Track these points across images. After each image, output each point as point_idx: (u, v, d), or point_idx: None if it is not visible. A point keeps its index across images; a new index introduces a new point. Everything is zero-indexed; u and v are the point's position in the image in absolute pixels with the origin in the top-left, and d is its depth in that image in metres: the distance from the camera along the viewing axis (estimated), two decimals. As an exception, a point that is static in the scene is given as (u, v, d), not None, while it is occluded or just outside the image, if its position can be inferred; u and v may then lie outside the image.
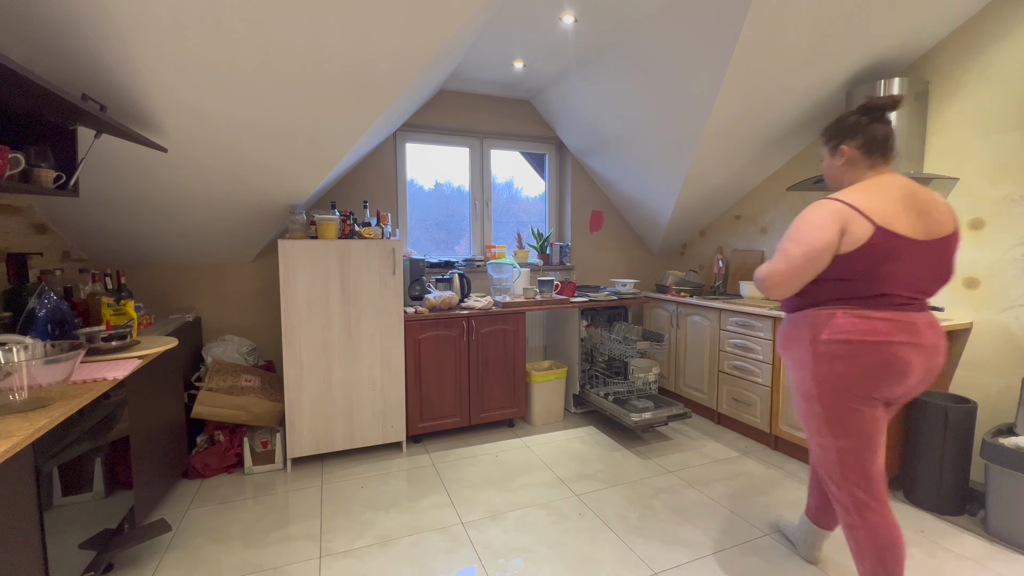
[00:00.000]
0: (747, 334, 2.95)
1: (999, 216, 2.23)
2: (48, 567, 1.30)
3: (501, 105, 3.72)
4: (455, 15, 1.74)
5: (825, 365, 1.48)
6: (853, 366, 1.45)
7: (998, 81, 2.22)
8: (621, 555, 1.92)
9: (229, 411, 2.50)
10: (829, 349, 1.47)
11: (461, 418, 3.01)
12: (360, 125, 2.19)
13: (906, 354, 1.42)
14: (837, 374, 1.47)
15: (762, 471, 2.59)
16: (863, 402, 1.46)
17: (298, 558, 1.90)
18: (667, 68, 2.61)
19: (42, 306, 1.73)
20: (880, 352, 1.42)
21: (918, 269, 1.43)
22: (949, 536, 2.03)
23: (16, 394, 1.25)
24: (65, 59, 1.58)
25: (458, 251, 3.85)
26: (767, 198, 3.40)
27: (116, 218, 2.45)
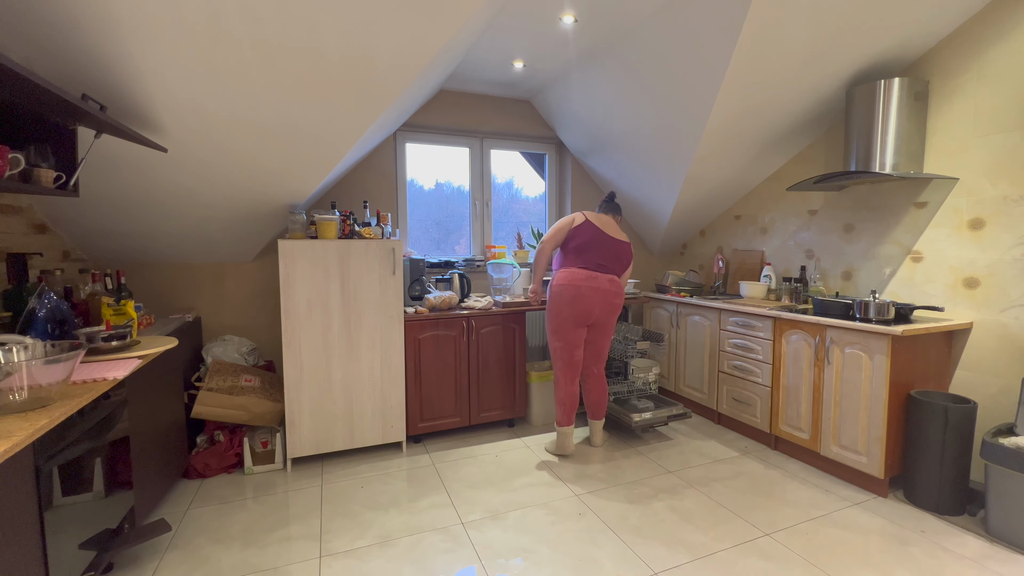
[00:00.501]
0: (747, 334, 2.95)
1: (999, 216, 2.23)
2: (48, 567, 1.30)
3: (501, 105, 3.72)
4: (455, 15, 1.74)
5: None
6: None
7: (998, 81, 2.23)
8: (621, 555, 1.92)
9: (229, 411, 2.50)
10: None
11: (461, 418, 3.01)
12: (360, 125, 2.19)
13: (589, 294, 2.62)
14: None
15: (762, 471, 2.59)
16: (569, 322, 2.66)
17: (298, 558, 1.90)
18: (667, 68, 2.61)
19: (42, 306, 1.73)
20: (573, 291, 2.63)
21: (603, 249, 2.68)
22: (949, 536, 2.03)
23: (16, 394, 1.25)
24: (65, 59, 1.58)
25: (458, 251, 3.85)
26: (767, 198, 3.40)
27: (116, 218, 2.45)
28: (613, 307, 2.69)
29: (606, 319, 2.70)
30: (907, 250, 2.60)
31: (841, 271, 2.94)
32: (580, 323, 2.66)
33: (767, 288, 3.24)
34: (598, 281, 2.62)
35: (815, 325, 2.54)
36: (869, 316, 2.37)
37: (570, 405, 2.73)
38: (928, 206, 2.50)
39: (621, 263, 2.72)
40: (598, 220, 2.72)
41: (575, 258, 2.66)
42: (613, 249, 2.69)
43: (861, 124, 2.52)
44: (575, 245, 2.66)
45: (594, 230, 2.66)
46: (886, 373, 2.23)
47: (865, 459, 2.34)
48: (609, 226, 2.73)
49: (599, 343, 2.77)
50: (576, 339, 2.67)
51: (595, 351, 2.78)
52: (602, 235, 2.67)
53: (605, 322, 2.71)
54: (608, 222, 2.76)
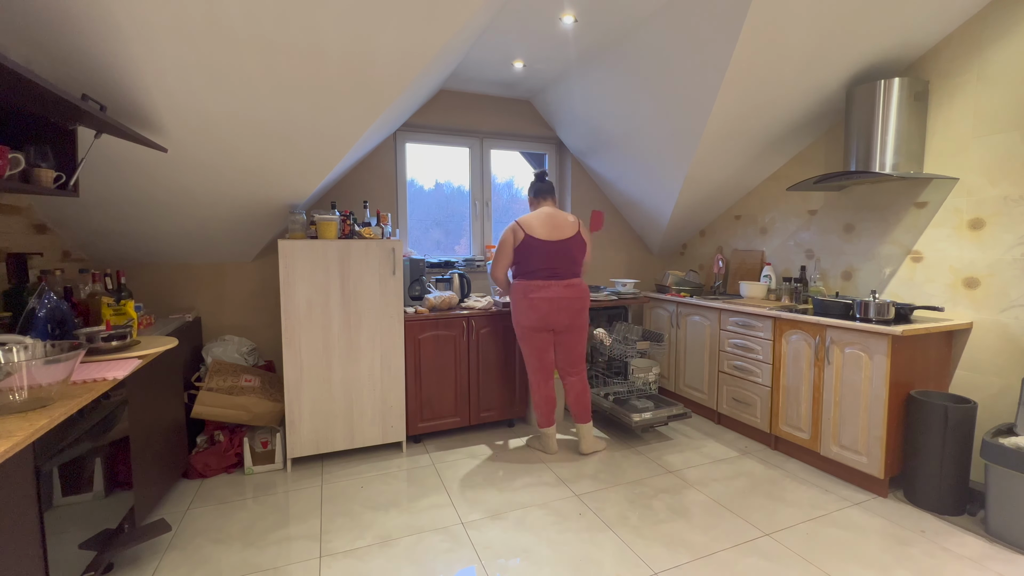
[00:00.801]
0: (747, 334, 2.95)
1: (999, 216, 2.23)
2: (48, 567, 1.30)
3: (501, 105, 3.72)
4: (455, 15, 1.74)
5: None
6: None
7: (998, 81, 2.23)
8: (621, 555, 1.92)
9: (229, 411, 2.50)
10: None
11: (461, 418, 3.01)
12: (360, 125, 2.19)
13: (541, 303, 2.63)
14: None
15: (762, 471, 2.59)
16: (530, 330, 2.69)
17: (298, 558, 1.90)
18: (667, 68, 2.61)
19: (42, 306, 1.73)
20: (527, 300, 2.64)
21: (550, 256, 2.63)
22: (949, 536, 2.03)
23: (16, 394, 1.25)
24: (65, 59, 1.58)
25: (458, 251, 3.85)
26: (767, 198, 3.40)
27: (116, 218, 2.45)
28: (575, 310, 2.67)
29: (570, 322, 2.68)
30: (907, 250, 2.60)
31: (841, 271, 2.94)
32: (541, 328, 2.67)
33: (767, 288, 3.24)
34: (550, 290, 2.61)
35: (815, 325, 2.54)
36: (869, 316, 2.37)
37: (547, 407, 2.77)
38: (928, 206, 2.50)
39: (574, 261, 2.67)
40: (539, 224, 2.63)
41: (525, 273, 2.65)
42: (561, 251, 2.63)
43: (861, 124, 2.52)
44: (523, 261, 2.64)
45: (535, 242, 2.60)
46: (886, 373, 2.23)
47: (865, 459, 2.34)
48: (551, 224, 2.64)
49: (569, 345, 2.73)
50: (540, 343, 2.70)
51: (566, 355, 2.75)
52: (546, 245, 2.60)
53: (571, 325, 2.69)
54: (549, 218, 2.66)
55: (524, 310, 2.64)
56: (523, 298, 2.64)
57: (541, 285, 2.61)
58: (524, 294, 2.63)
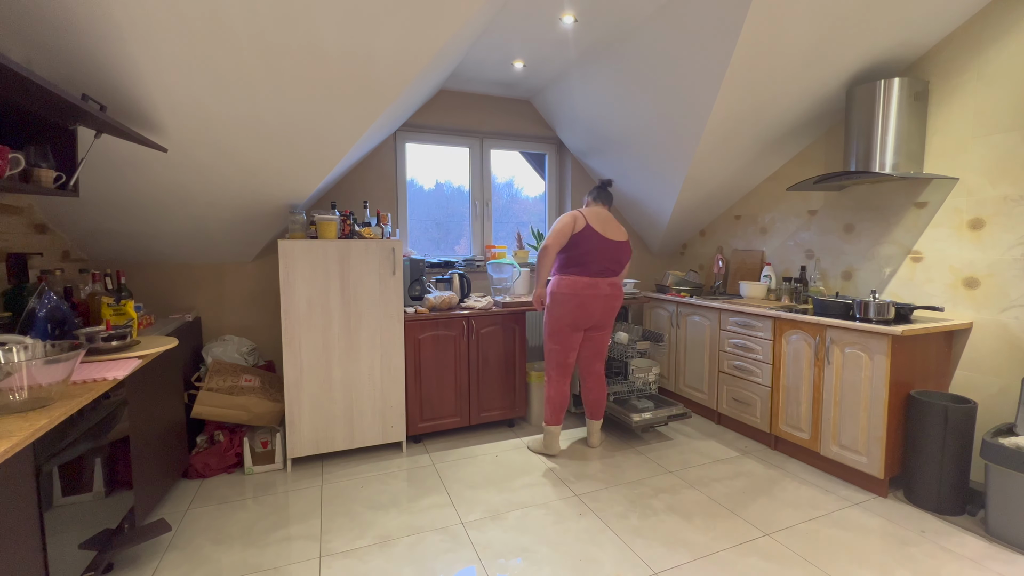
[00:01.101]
0: (747, 334, 2.95)
1: (999, 216, 2.23)
2: (48, 567, 1.30)
3: (501, 105, 3.72)
4: (455, 15, 1.74)
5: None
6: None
7: (997, 81, 2.23)
8: (621, 555, 1.91)
9: (229, 411, 2.50)
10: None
11: (461, 418, 3.01)
12: (360, 125, 2.19)
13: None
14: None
15: (762, 471, 2.59)
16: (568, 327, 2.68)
17: (298, 558, 1.90)
18: (667, 68, 2.61)
19: (42, 306, 1.73)
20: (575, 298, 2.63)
21: (604, 253, 2.63)
22: (949, 536, 2.03)
23: (16, 394, 1.25)
24: (65, 59, 1.58)
25: (458, 251, 3.85)
26: (767, 198, 3.40)
27: (116, 218, 2.45)
28: (613, 309, 2.72)
29: (607, 321, 2.73)
30: (907, 250, 2.60)
31: (841, 271, 2.94)
32: (579, 328, 2.68)
33: (767, 288, 3.24)
34: (599, 288, 2.62)
35: (815, 325, 2.54)
36: (869, 316, 2.37)
37: (560, 404, 2.76)
38: (928, 206, 2.50)
39: (621, 264, 2.72)
40: (598, 220, 2.65)
41: (577, 265, 2.61)
42: (615, 252, 2.66)
43: (861, 124, 2.52)
44: (577, 252, 2.60)
45: (596, 236, 2.60)
46: (886, 373, 2.23)
47: (865, 459, 2.34)
48: (609, 225, 2.68)
49: (598, 341, 2.78)
50: (573, 343, 2.70)
51: (595, 349, 2.79)
52: (604, 241, 2.62)
53: (606, 323, 2.74)
54: (606, 219, 2.70)
55: (571, 308, 2.61)
56: (572, 295, 2.60)
57: (592, 283, 2.60)
58: (574, 290, 2.59)
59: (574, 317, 2.63)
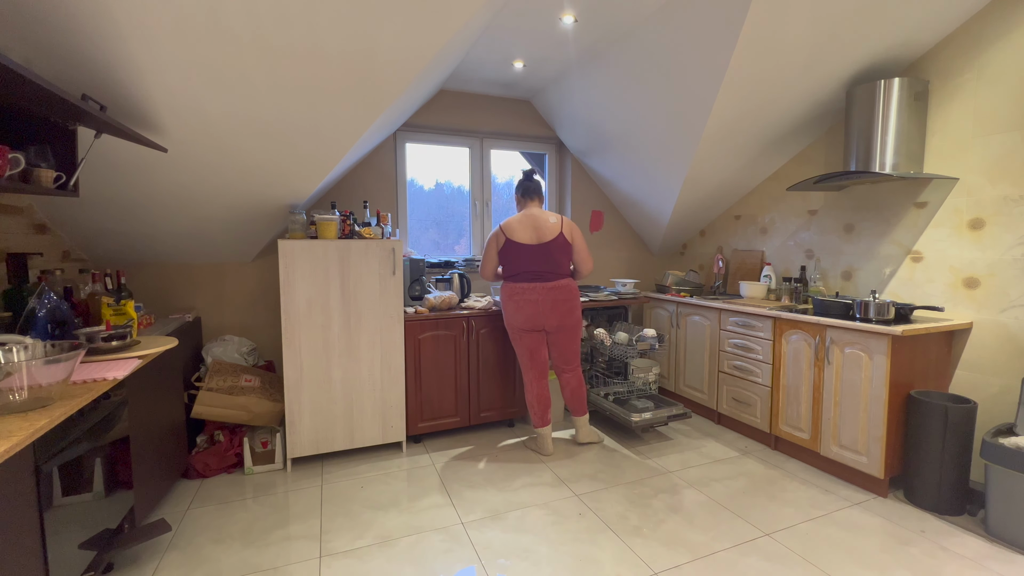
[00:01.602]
0: (747, 334, 2.95)
1: (999, 216, 2.23)
2: (48, 567, 1.30)
3: (501, 105, 3.72)
4: (455, 15, 1.74)
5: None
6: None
7: (998, 81, 2.23)
8: (621, 555, 1.92)
9: (229, 411, 2.50)
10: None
11: (461, 418, 3.01)
12: (360, 125, 2.19)
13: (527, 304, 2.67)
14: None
15: (762, 471, 2.59)
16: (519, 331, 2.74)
17: (298, 558, 1.90)
18: (667, 68, 2.61)
19: (42, 306, 1.73)
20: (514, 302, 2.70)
21: (532, 259, 2.67)
22: (949, 536, 2.03)
23: (16, 394, 1.25)
24: (65, 59, 1.58)
25: (458, 251, 3.85)
26: (767, 198, 3.40)
27: (116, 218, 2.45)
28: (562, 311, 2.70)
29: (560, 323, 2.71)
30: (907, 250, 2.60)
31: (841, 271, 2.94)
32: (529, 329, 2.71)
33: (767, 288, 3.24)
34: (535, 292, 2.65)
35: (815, 325, 2.54)
36: (869, 316, 2.37)
37: (541, 406, 2.79)
38: (928, 206, 2.50)
39: (560, 262, 2.69)
40: (520, 228, 2.68)
41: (510, 276, 2.73)
42: (543, 255, 2.66)
43: (861, 124, 2.52)
44: (507, 264, 2.72)
45: (516, 247, 2.66)
46: (886, 373, 2.23)
47: (865, 459, 2.34)
48: (534, 227, 2.68)
49: (562, 345, 2.78)
50: (531, 343, 2.74)
51: (560, 354, 2.81)
52: (526, 249, 2.65)
53: (561, 325, 2.72)
54: (531, 220, 2.70)
55: (512, 312, 2.72)
56: (509, 300, 2.71)
57: (526, 288, 2.66)
58: (510, 296, 2.70)
59: (518, 320, 2.70)
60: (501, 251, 2.71)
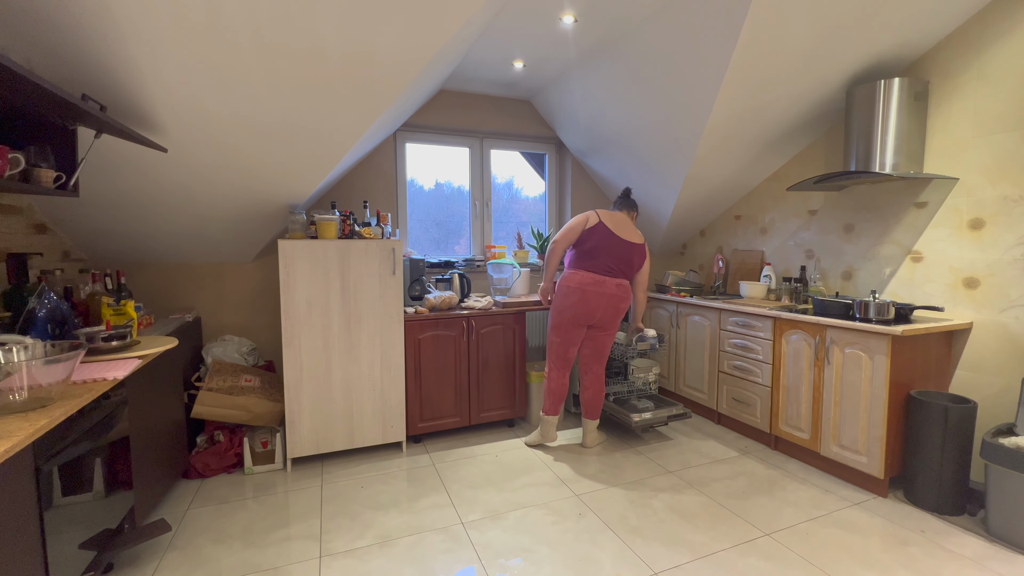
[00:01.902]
0: (747, 334, 2.95)
1: (999, 216, 2.23)
2: (48, 567, 1.30)
3: (501, 105, 3.72)
4: (455, 15, 1.74)
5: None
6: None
7: (998, 81, 2.23)
8: (621, 555, 1.92)
9: (229, 411, 2.50)
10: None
11: (461, 418, 3.01)
12: (360, 125, 2.19)
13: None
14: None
15: (762, 471, 2.59)
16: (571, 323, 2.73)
17: (298, 558, 1.90)
18: (667, 68, 2.61)
19: (42, 306, 1.73)
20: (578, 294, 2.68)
21: (613, 251, 2.68)
22: (949, 536, 2.03)
23: (16, 394, 1.25)
24: (65, 59, 1.58)
25: (458, 251, 3.85)
26: (767, 198, 3.40)
27: (116, 218, 2.45)
28: (617, 310, 2.72)
29: (609, 321, 2.73)
30: (907, 250, 2.60)
31: (841, 271, 2.94)
32: (580, 323, 2.71)
33: (767, 288, 3.24)
34: (605, 286, 2.64)
35: (815, 325, 2.54)
36: (869, 316, 2.37)
37: (559, 395, 2.81)
38: (928, 206, 2.50)
39: (632, 266, 2.73)
40: (612, 220, 2.71)
41: (586, 260, 2.67)
42: (625, 252, 2.69)
43: (861, 124, 2.52)
44: (587, 248, 2.67)
45: (606, 233, 2.66)
46: (886, 373, 2.23)
47: (865, 459, 2.34)
48: (623, 226, 2.72)
49: (599, 341, 2.78)
50: (574, 338, 2.74)
51: (595, 349, 2.80)
52: (614, 238, 2.67)
53: (608, 324, 2.74)
54: (622, 221, 2.75)
55: (573, 302, 2.66)
56: (577, 288, 2.65)
57: (598, 280, 2.64)
58: (581, 285, 2.65)
59: (576, 311, 2.67)
60: (588, 231, 2.66)
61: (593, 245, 2.66)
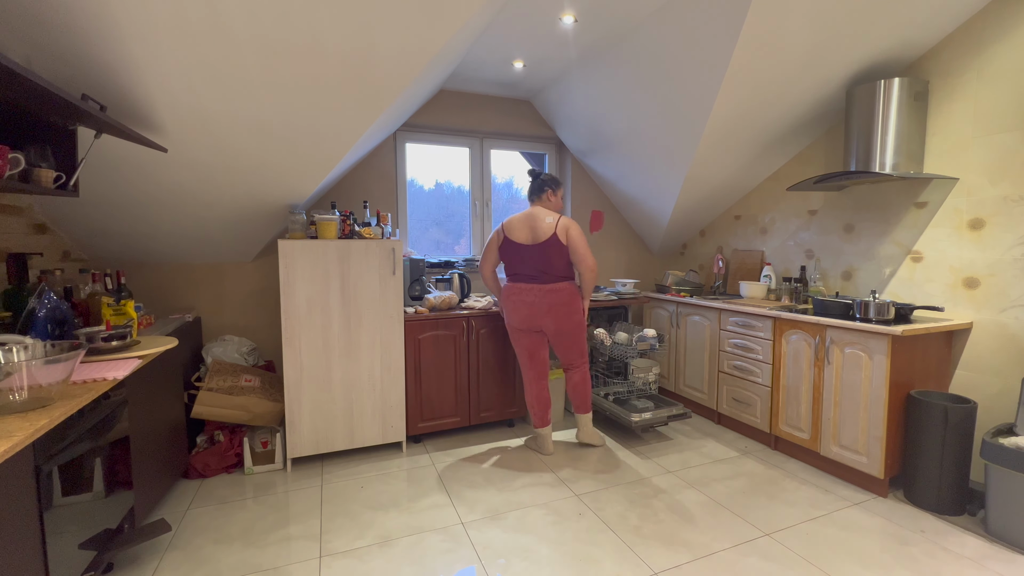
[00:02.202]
0: (747, 334, 2.95)
1: (999, 216, 2.23)
2: (48, 567, 1.30)
3: (501, 105, 3.72)
4: (455, 15, 1.74)
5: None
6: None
7: (998, 81, 2.23)
8: (621, 555, 1.91)
9: (229, 411, 2.50)
10: None
11: (461, 418, 3.01)
12: (360, 125, 2.19)
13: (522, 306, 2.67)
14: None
15: (762, 471, 2.59)
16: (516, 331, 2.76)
17: (298, 558, 1.90)
18: (667, 68, 2.61)
19: (42, 306, 1.73)
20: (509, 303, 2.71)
21: (529, 260, 2.64)
22: (949, 536, 2.03)
23: (16, 394, 1.25)
24: (65, 59, 1.58)
25: (458, 251, 3.85)
26: (767, 198, 3.40)
27: (116, 218, 2.45)
28: (559, 315, 2.65)
29: (558, 327, 2.67)
30: (907, 250, 2.60)
31: (841, 271, 2.94)
32: (525, 329, 2.72)
33: (767, 288, 3.24)
34: (531, 294, 2.64)
35: (815, 325, 2.54)
36: (869, 316, 2.37)
37: (540, 407, 2.79)
38: (928, 206, 2.50)
39: (554, 265, 2.62)
40: (519, 227, 2.65)
41: (509, 273, 2.75)
42: (539, 256, 2.61)
43: (861, 124, 2.52)
44: (506, 262, 2.74)
45: (513, 247, 2.66)
46: (886, 373, 2.23)
47: (865, 459, 2.34)
48: (531, 227, 2.64)
49: (564, 347, 2.77)
50: (529, 344, 2.75)
51: (563, 354, 2.81)
52: (522, 249, 2.64)
53: (559, 329, 2.68)
54: (529, 220, 2.65)
55: (509, 311, 2.74)
56: (507, 299, 2.73)
57: (523, 288, 2.66)
58: (508, 296, 2.72)
59: (514, 320, 2.72)
60: (502, 248, 2.72)
61: (506, 260, 2.72)
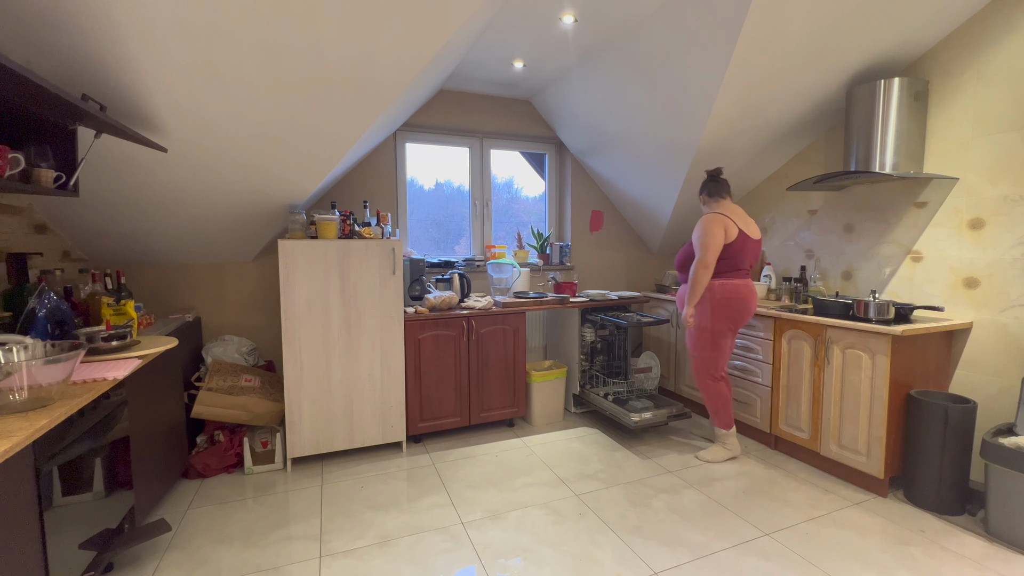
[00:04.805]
0: (747, 334, 2.94)
1: (999, 216, 2.23)
2: (48, 567, 1.30)
3: (501, 105, 3.72)
4: (455, 15, 1.74)
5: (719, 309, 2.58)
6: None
7: (998, 81, 2.22)
8: (621, 555, 1.92)
9: (229, 411, 2.50)
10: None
11: (461, 418, 3.01)
12: (360, 125, 2.19)
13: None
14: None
15: (762, 471, 2.59)
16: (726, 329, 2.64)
17: (298, 558, 1.90)
18: (667, 68, 2.61)
19: (42, 306, 1.73)
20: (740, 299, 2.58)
21: (755, 254, 2.63)
22: (949, 536, 2.03)
23: (16, 394, 1.25)
24: (65, 59, 1.58)
25: (458, 251, 3.85)
26: (767, 198, 3.40)
27: (116, 218, 2.45)
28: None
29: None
30: (907, 250, 2.60)
31: (841, 271, 2.94)
32: (736, 330, 2.66)
33: (767, 288, 3.24)
34: (754, 288, 2.63)
35: (815, 325, 2.54)
36: (869, 316, 2.37)
37: (728, 405, 2.71)
38: (928, 206, 2.50)
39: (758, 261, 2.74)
40: (742, 221, 2.57)
41: (733, 268, 2.56)
42: (757, 251, 2.63)
43: (861, 124, 2.52)
44: (732, 256, 2.54)
45: (748, 240, 2.56)
46: (886, 373, 2.23)
47: (865, 459, 2.34)
48: (749, 223, 2.61)
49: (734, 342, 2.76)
50: (730, 346, 2.69)
51: (732, 350, 2.79)
52: (752, 243, 2.58)
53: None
54: (744, 216, 2.62)
55: (737, 312, 2.57)
56: (736, 299, 2.55)
57: (749, 284, 2.60)
58: (739, 294, 2.55)
59: (738, 321, 2.60)
60: (731, 244, 2.51)
61: (737, 252, 2.54)
